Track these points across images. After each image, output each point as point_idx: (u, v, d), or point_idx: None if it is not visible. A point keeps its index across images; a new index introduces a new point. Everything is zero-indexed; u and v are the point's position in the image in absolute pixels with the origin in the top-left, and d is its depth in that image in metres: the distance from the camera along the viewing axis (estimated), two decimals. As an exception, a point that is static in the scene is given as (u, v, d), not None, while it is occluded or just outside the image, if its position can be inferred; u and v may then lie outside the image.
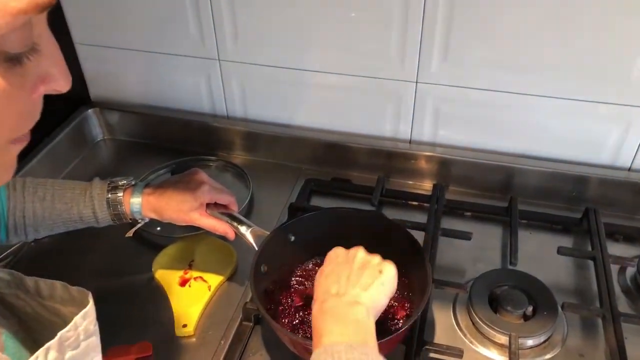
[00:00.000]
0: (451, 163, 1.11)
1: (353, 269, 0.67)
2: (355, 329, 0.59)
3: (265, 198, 1.11)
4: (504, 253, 0.99)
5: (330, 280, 0.66)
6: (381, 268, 0.67)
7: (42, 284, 0.57)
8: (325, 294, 0.64)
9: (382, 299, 0.65)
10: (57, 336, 0.49)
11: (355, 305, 0.62)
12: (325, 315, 0.61)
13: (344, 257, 0.69)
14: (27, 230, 0.78)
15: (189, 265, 0.97)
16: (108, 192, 0.81)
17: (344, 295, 0.63)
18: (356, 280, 0.65)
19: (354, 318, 0.60)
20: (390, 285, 0.67)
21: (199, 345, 0.85)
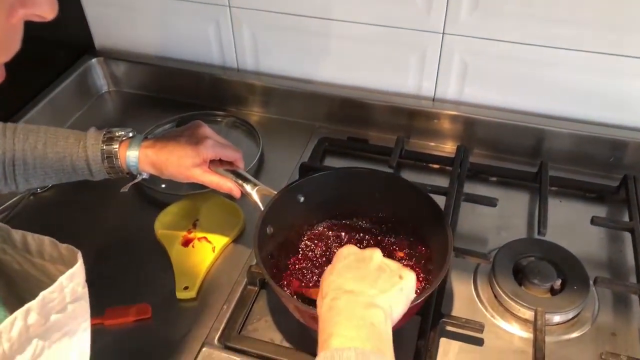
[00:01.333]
0: (477, 123, 1.03)
1: (369, 270, 0.58)
2: (370, 333, 0.50)
3: (275, 157, 1.05)
4: (531, 222, 0.92)
5: (343, 277, 0.57)
6: (401, 273, 0.58)
7: (30, 239, 0.52)
8: (336, 290, 0.55)
9: (400, 307, 0.56)
10: (39, 297, 0.44)
11: (372, 307, 0.53)
12: (336, 313, 0.52)
13: (358, 257, 0.60)
14: (17, 179, 0.73)
15: (193, 225, 0.92)
16: (103, 143, 0.75)
17: (359, 295, 0.54)
18: (373, 281, 0.56)
19: (370, 321, 0.51)
20: (409, 293, 0.58)
21: (201, 308, 0.81)
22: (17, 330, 0.41)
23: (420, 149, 1.05)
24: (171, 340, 0.77)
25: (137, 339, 0.78)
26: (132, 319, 0.79)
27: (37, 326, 0.44)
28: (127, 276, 0.86)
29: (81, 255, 0.50)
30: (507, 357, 0.73)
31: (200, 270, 0.85)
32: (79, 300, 0.49)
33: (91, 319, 0.79)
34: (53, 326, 0.46)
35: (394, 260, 0.61)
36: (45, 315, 0.45)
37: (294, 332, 0.76)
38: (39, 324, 0.44)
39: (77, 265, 0.48)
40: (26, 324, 0.42)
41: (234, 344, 0.74)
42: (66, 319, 0.47)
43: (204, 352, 0.74)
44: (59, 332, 0.47)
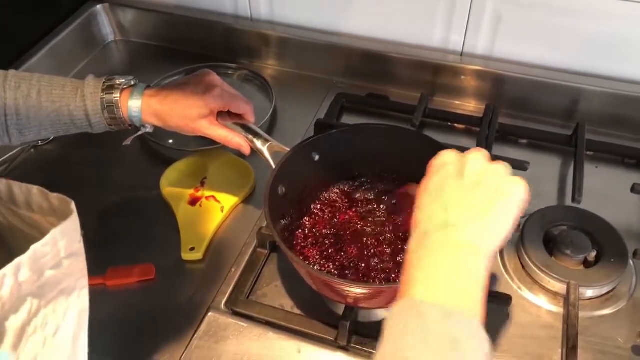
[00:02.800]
0: (507, 81, 0.96)
1: (464, 187, 0.47)
2: (460, 286, 0.43)
3: (289, 113, 0.99)
4: (563, 188, 0.85)
5: (434, 201, 0.48)
6: (502, 187, 0.47)
7: (16, 189, 0.47)
8: (428, 221, 0.47)
9: (503, 230, 0.47)
10: (30, 251, 0.40)
11: (466, 247, 0.45)
12: (425, 254, 0.45)
13: (454, 167, 0.50)
14: (9, 131, 0.68)
15: (201, 183, 0.87)
16: (103, 91, 0.69)
17: (452, 229, 0.46)
18: (469, 204, 0.46)
19: (462, 269, 0.44)
20: (516, 209, 0.47)
21: (207, 271, 0.77)
22: (8, 288, 0.38)
23: (444, 107, 0.98)
24: (176, 303, 0.73)
25: (140, 301, 0.74)
26: (135, 279, 0.75)
27: (29, 283, 0.40)
28: (130, 235, 0.82)
29: (75, 206, 0.45)
30: (534, 331, 0.68)
31: (208, 230, 0.80)
32: (75, 256, 0.45)
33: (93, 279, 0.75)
34: (47, 283, 0.42)
35: (498, 164, 0.49)
36: (38, 271, 0.41)
37: (305, 298, 0.72)
38: (31, 281, 0.40)
39: (71, 217, 0.44)
40: (17, 280, 0.38)
41: (241, 310, 0.70)
42: (61, 275, 0.43)
43: (210, 317, 0.70)
44: (55, 290, 0.43)
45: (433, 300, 0.42)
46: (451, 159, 0.51)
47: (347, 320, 0.65)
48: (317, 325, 0.68)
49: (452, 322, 0.40)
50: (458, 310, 0.41)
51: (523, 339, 0.68)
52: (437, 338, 0.39)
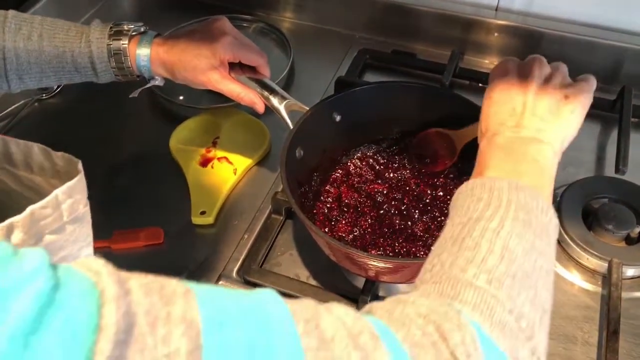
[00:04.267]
0: (545, 38, 0.89)
1: (529, 93, 0.48)
2: (531, 169, 0.44)
3: (308, 70, 0.93)
4: (604, 157, 0.79)
5: (501, 109, 0.49)
6: (567, 91, 0.49)
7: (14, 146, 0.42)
8: (498, 125, 0.48)
9: (569, 133, 0.49)
10: (27, 211, 0.35)
11: (536, 142, 0.46)
12: (495, 149, 0.47)
13: (516, 75, 0.50)
14: (9, 76, 0.63)
15: (212, 143, 0.81)
16: (109, 37, 0.64)
17: (522, 129, 0.47)
18: (534, 108, 0.48)
19: (533, 157, 0.45)
20: (580, 113, 0.49)
21: (219, 236, 0.72)
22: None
23: (475, 66, 0.91)
24: (185, 269, 0.69)
25: (147, 267, 0.67)
26: (143, 243, 0.72)
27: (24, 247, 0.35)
28: (137, 196, 0.77)
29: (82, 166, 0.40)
30: (568, 312, 0.63)
31: (220, 193, 0.75)
32: (80, 221, 0.41)
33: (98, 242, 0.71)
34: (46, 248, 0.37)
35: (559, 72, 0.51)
36: (35, 234, 0.36)
37: (322, 269, 0.68)
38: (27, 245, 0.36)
39: (77, 178, 0.39)
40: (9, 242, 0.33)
41: (254, 279, 0.66)
42: (63, 242, 0.39)
43: (221, 286, 0.66)
44: (55, 257, 0.39)
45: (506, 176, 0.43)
46: (513, 67, 0.51)
47: (368, 295, 0.60)
48: (335, 298, 0.63)
49: (524, 194, 0.40)
50: (527, 185, 0.41)
51: (557, 318, 0.63)
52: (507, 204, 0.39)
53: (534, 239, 0.38)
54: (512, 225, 0.38)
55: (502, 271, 0.35)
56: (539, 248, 0.38)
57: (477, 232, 0.38)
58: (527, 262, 0.37)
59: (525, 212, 0.39)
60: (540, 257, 0.38)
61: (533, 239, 0.38)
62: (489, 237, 0.37)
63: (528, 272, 0.36)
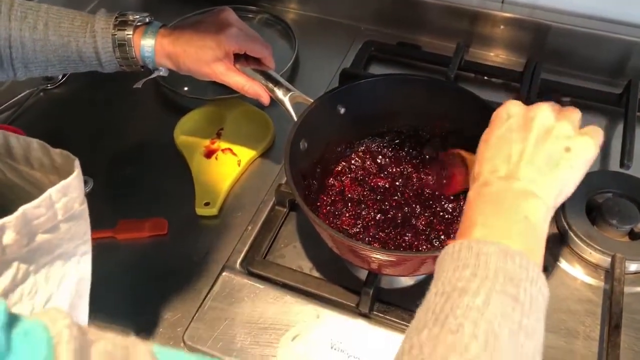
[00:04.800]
0: (552, 32, 0.88)
1: (529, 140, 0.44)
2: (522, 229, 0.41)
3: (312, 62, 0.93)
4: (609, 152, 0.78)
5: (497, 154, 0.46)
6: (570, 143, 0.44)
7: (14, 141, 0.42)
8: (489, 173, 0.45)
9: (568, 188, 0.45)
10: (18, 211, 0.35)
11: (529, 197, 0.42)
12: (485, 202, 0.43)
13: (519, 119, 0.46)
14: (14, 64, 0.63)
15: (217, 134, 0.81)
16: (115, 27, 0.64)
17: (514, 180, 0.43)
18: (532, 158, 0.44)
19: (524, 214, 0.42)
20: (581, 169, 0.44)
21: (222, 228, 0.73)
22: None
23: (481, 59, 0.91)
24: (188, 260, 0.69)
25: (151, 257, 0.70)
26: (147, 234, 0.72)
27: (16, 247, 0.35)
28: (142, 186, 0.78)
29: (79, 164, 0.40)
30: (570, 305, 0.64)
31: (224, 185, 0.75)
32: (76, 219, 0.40)
33: (102, 232, 0.73)
34: (40, 248, 0.38)
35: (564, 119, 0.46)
36: (28, 234, 0.36)
37: (325, 261, 0.68)
38: (18, 245, 0.36)
39: (72, 176, 0.39)
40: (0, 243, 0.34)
41: (257, 270, 0.66)
42: (58, 240, 0.39)
43: (224, 277, 0.66)
44: (49, 255, 0.39)
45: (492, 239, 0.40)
46: (517, 111, 0.47)
47: (370, 287, 0.61)
48: (338, 290, 0.64)
49: (513, 263, 0.38)
50: (517, 250, 0.38)
51: (558, 312, 0.63)
52: (495, 275, 0.37)
53: (521, 319, 0.35)
54: (499, 303, 0.35)
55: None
56: (526, 328, 0.35)
57: (460, 310, 0.35)
58: (512, 348, 0.34)
59: (513, 284, 0.36)
60: (527, 339, 0.35)
61: (520, 318, 0.36)
62: (473, 318, 0.35)
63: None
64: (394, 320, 0.61)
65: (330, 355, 0.59)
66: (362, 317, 0.62)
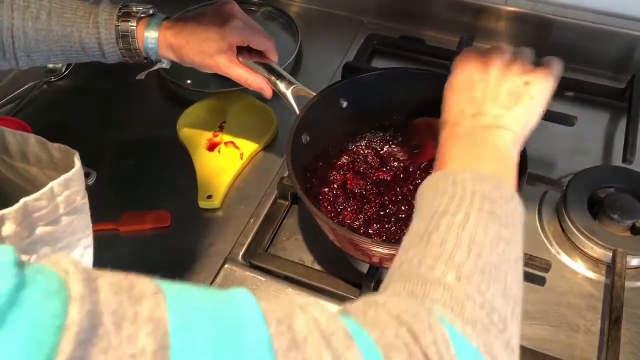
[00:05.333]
0: (555, 26, 0.87)
1: (490, 80, 0.49)
2: (492, 156, 0.45)
3: (315, 55, 0.93)
4: (611, 147, 0.78)
5: (462, 97, 0.49)
6: (528, 77, 0.48)
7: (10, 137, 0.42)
8: (458, 114, 0.48)
9: (530, 120, 0.48)
10: (19, 203, 0.36)
11: (497, 128, 0.46)
12: (456, 139, 0.47)
13: (477, 63, 0.50)
14: (17, 54, 0.63)
15: (219, 127, 0.82)
16: (118, 18, 0.64)
17: (481, 116, 0.47)
18: (494, 96, 0.48)
19: (493, 144, 0.45)
20: (541, 99, 0.48)
21: (225, 220, 0.73)
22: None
23: (484, 53, 0.90)
24: (191, 253, 0.70)
25: (153, 249, 0.71)
26: (150, 226, 0.72)
27: (17, 239, 0.36)
28: (144, 178, 0.78)
29: (79, 158, 0.40)
30: (571, 299, 0.64)
31: (226, 178, 0.76)
32: (78, 213, 0.40)
33: (105, 224, 0.73)
34: (42, 240, 0.38)
35: (518, 62, 0.50)
36: (28, 226, 0.36)
37: (327, 254, 0.68)
38: (19, 237, 0.36)
39: (74, 170, 0.39)
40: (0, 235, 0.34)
41: (259, 263, 0.66)
42: (59, 233, 0.39)
43: (227, 269, 0.67)
44: (50, 248, 0.39)
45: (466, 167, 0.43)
46: (472, 57, 0.51)
47: (372, 280, 0.61)
48: (339, 283, 0.64)
49: (487, 184, 0.40)
50: (490, 173, 0.42)
51: (559, 306, 0.63)
52: (472, 196, 0.39)
53: (499, 229, 0.38)
54: (478, 217, 0.38)
55: (471, 266, 0.35)
56: (505, 237, 0.38)
57: (443, 227, 0.37)
58: (495, 254, 0.36)
59: (489, 202, 0.39)
60: (507, 246, 0.37)
61: (499, 228, 0.38)
62: (455, 231, 0.37)
63: (496, 264, 0.36)
64: (395, 314, 0.62)
65: (331, 348, 0.60)
66: (363, 310, 0.62)
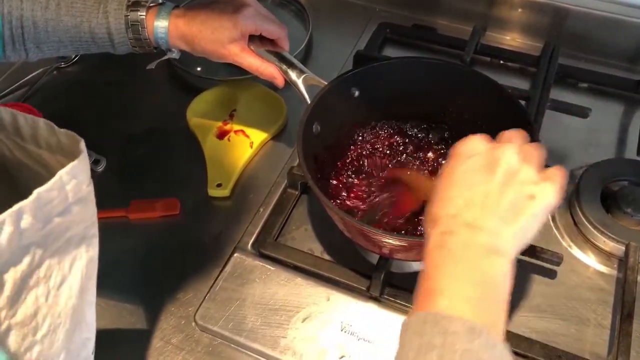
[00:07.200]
0: (571, 16, 0.86)
1: (494, 184, 0.42)
2: (487, 296, 0.39)
3: (326, 43, 0.92)
4: (626, 139, 0.77)
5: (459, 195, 0.43)
6: (534, 191, 0.42)
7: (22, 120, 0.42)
8: (452, 218, 0.42)
9: (526, 239, 0.42)
10: (33, 195, 0.35)
11: (493, 254, 0.40)
12: (449, 259, 0.40)
13: (483, 159, 0.44)
14: (26, 45, 0.63)
15: (229, 116, 0.81)
16: (127, 8, 0.63)
17: (478, 231, 0.41)
18: (496, 203, 0.41)
19: (489, 276, 0.40)
20: (542, 217, 0.42)
21: (234, 209, 0.73)
22: (7, 236, 0.33)
23: (497, 43, 0.89)
24: (200, 241, 0.70)
25: (163, 237, 0.71)
26: (159, 214, 0.72)
27: (33, 231, 0.36)
28: (154, 166, 0.78)
29: (84, 145, 0.40)
30: (582, 293, 0.63)
31: (236, 166, 0.75)
32: (84, 201, 0.40)
33: (115, 211, 0.73)
34: (53, 232, 0.38)
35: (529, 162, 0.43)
36: (42, 218, 0.36)
37: (336, 244, 0.68)
38: (35, 229, 0.36)
39: (80, 158, 0.39)
40: (18, 228, 0.34)
41: (269, 252, 0.66)
42: (69, 223, 0.39)
43: (236, 258, 0.66)
44: (61, 239, 0.39)
45: (459, 315, 0.37)
46: (481, 149, 0.44)
47: (381, 271, 0.61)
48: (348, 274, 0.64)
49: (479, 342, 0.36)
50: (485, 328, 0.37)
51: (570, 300, 0.63)
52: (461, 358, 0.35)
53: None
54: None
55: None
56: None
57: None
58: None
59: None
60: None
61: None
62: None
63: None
64: (404, 304, 0.62)
65: (340, 338, 0.60)
66: (373, 301, 0.62)
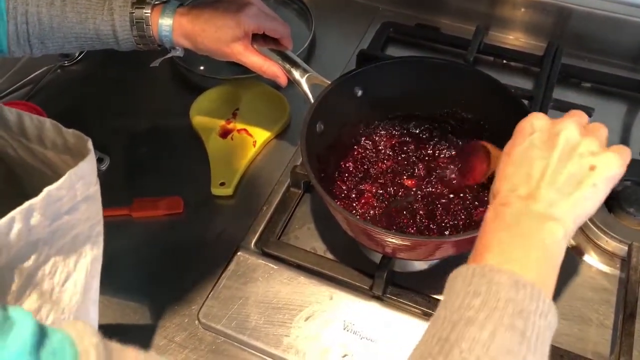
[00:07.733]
0: (574, 15, 0.86)
1: (552, 158, 0.42)
2: (537, 257, 0.40)
3: (329, 42, 0.92)
4: (628, 138, 0.78)
5: (517, 171, 0.44)
6: (595, 161, 0.42)
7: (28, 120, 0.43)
8: (508, 192, 0.43)
9: (586, 212, 0.43)
10: (43, 193, 0.36)
11: (547, 220, 0.40)
12: (502, 224, 0.42)
13: (544, 135, 0.44)
14: (31, 40, 0.63)
15: (232, 115, 0.81)
16: (132, 5, 0.63)
17: (534, 201, 0.41)
18: (554, 177, 0.42)
19: (541, 240, 0.40)
20: (604, 189, 0.42)
21: (237, 208, 0.73)
22: (16, 232, 0.34)
23: (500, 43, 0.89)
24: (203, 239, 0.70)
25: (166, 235, 0.71)
26: (162, 212, 0.73)
27: (40, 228, 0.36)
28: (158, 165, 0.78)
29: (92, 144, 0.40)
30: (585, 293, 0.63)
31: (239, 165, 0.76)
32: (91, 200, 0.41)
33: (118, 209, 0.73)
34: (60, 229, 0.38)
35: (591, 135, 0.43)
36: (50, 216, 0.37)
37: (339, 243, 0.68)
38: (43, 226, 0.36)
39: (88, 157, 0.39)
40: (27, 225, 0.34)
41: (272, 250, 0.66)
42: (76, 220, 0.40)
43: (239, 257, 0.67)
44: (67, 236, 0.40)
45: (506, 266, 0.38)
46: (541, 126, 0.45)
47: (384, 270, 0.61)
48: (351, 273, 0.64)
49: (524, 293, 0.37)
50: (530, 281, 0.37)
51: (572, 300, 0.63)
52: (505, 306, 0.36)
53: (526, 354, 0.35)
54: (505, 338, 0.35)
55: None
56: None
57: (466, 343, 0.35)
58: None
59: (522, 318, 0.36)
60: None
61: (525, 353, 0.35)
62: (477, 353, 0.34)
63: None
64: (406, 304, 0.62)
65: (343, 337, 0.60)
66: (375, 300, 0.62)
